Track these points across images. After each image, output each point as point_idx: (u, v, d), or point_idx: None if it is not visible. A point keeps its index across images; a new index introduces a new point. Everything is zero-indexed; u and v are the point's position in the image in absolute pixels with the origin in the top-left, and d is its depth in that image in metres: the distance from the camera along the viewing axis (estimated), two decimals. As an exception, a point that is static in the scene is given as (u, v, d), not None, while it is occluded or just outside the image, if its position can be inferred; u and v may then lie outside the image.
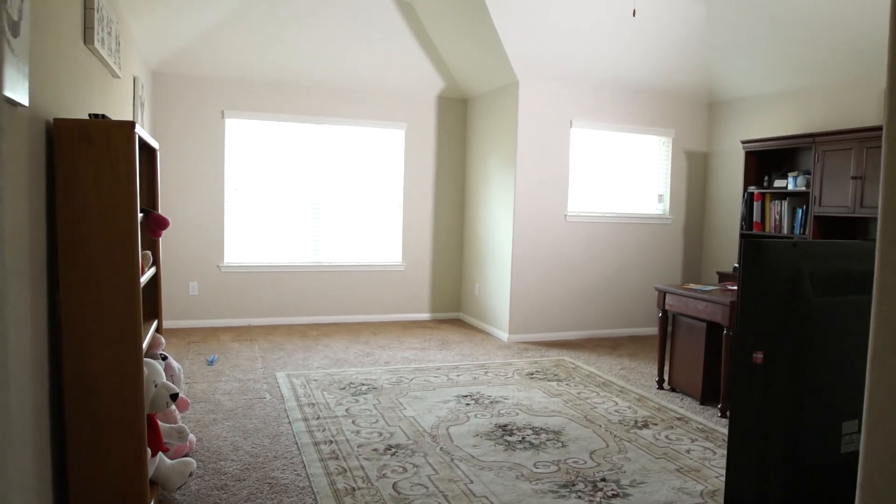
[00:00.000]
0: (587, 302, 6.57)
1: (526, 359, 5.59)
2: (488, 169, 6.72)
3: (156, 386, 2.70)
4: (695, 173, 6.95)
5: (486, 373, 5.07)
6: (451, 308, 7.40)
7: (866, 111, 5.27)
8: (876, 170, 4.84)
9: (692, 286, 4.70)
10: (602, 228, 6.56)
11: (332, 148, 6.80)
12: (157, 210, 3.19)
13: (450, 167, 7.26)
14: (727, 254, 6.64)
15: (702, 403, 4.46)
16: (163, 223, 2.83)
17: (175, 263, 6.35)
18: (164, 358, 3.12)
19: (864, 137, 4.85)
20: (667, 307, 4.72)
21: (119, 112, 3.97)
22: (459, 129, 7.28)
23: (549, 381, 4.90)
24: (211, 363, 5.08)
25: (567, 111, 6.34)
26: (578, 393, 4.61)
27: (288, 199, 6.69)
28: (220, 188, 6.45)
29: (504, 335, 6.31)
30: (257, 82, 6.48)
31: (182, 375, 3.16)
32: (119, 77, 3.82)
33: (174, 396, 2.73)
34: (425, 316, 7.28)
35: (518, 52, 5.83)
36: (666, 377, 4.92)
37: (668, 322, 4.84)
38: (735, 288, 4.58)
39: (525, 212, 6.21)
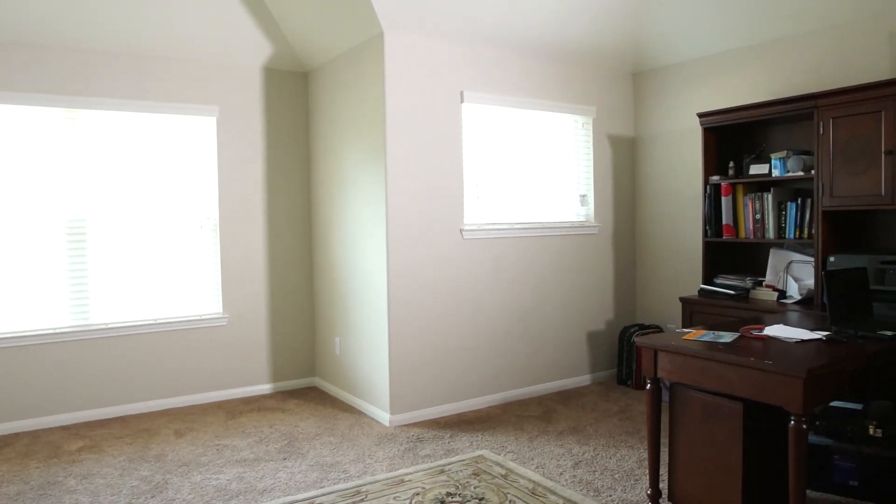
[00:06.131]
0: (498, 353, 4.60)
1: (425, 463, 3.48)
2: (346, 169, 4.59)
3: None
4: (622, 164, 5.24)
5: (364, 511, 2.92)
6: (302, 373, 5.15)
7: (871, 61, 3.77)
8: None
9: (698, 334, 2.85)
10: (511, 245, 4.64)
11: (100, 146, 4.36)
12: None
13: (288, 170, 5.04)
14: (683, 271, 4.96)
15: (743, 542, 2.60)
16: None
17: None
18: None
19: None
20: (660, 374, 2.84)
21: None
22: (300, 115, 5.09)
23: (473, 516, 2.84)
24: None
25: (456, 78, 4.36)
26: (533, 545, 2.59)
27: (27, 228, 4.15)
28: None
29: (384, 416, 4.17)
30: (-47, 38, 3.93)
31: None
32: None
33: None
34: (264, 388, 4.97)
35: (380, -15, 3.79)
36: (664, 486, 3.03)
37: (660, 396, 2.96)
38: (764, 334, 2.78)
39: (404, 228, 4.15)
